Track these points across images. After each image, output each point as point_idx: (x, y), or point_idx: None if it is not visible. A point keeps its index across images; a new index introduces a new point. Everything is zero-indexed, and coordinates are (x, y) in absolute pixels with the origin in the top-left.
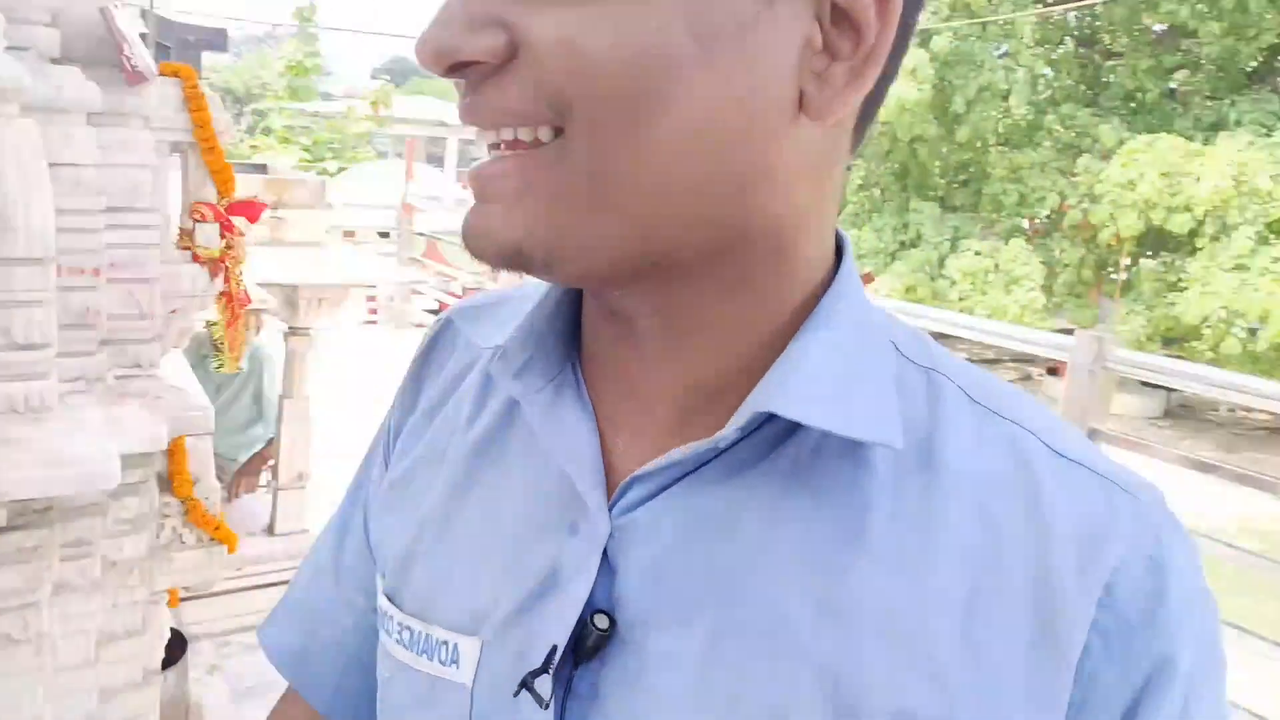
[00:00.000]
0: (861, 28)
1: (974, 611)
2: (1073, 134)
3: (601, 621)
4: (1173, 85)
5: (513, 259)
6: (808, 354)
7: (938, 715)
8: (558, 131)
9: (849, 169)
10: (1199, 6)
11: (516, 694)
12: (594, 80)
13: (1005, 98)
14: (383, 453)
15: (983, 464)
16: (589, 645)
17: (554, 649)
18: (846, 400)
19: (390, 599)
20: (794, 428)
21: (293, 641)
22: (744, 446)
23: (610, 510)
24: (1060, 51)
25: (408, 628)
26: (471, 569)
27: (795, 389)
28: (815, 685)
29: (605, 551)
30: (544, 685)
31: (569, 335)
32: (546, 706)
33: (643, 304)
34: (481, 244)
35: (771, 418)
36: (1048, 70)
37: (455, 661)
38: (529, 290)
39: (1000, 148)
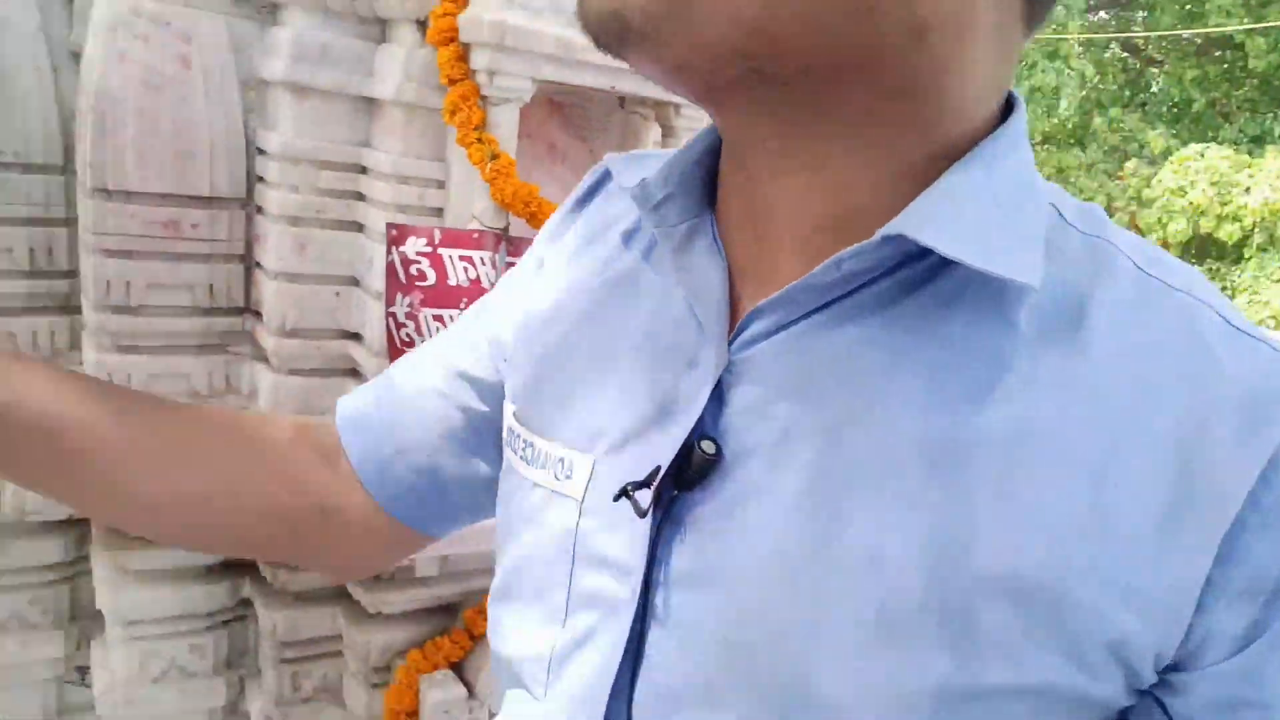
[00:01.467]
0: None
1: (1106, 478)
2: (1119, 137)
3: (708, 447)
4: (1216, 95)
5: (609, 26)
6: (951, 191)
7: (1048, 580)
8: None
9: (1025, 38)
10: (1245, 20)
11: (616, 499)
12: None
13: (1054, 99)
14: (525, 280)
15: (1146, 334)
16: (692, 471)
17: (658, 468)
18: (986, 237)
19: (518, 419)
20: (930, 276)
21: (361, 405)
22: (871, 291)
23: (730, 346)
24: (1105, 55)
25: (530, 444)
26: (593, 393)
27: (929, 217)
28: (916, 535)
29: (721, 384)
30: (644, 497)
31: (709, 185)
32: (643, 516)
33: (761, 130)
34: (583, 8)
35: (903, 263)
36: (1094, 74)
37: (569, 476)
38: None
39: (1047, 147)
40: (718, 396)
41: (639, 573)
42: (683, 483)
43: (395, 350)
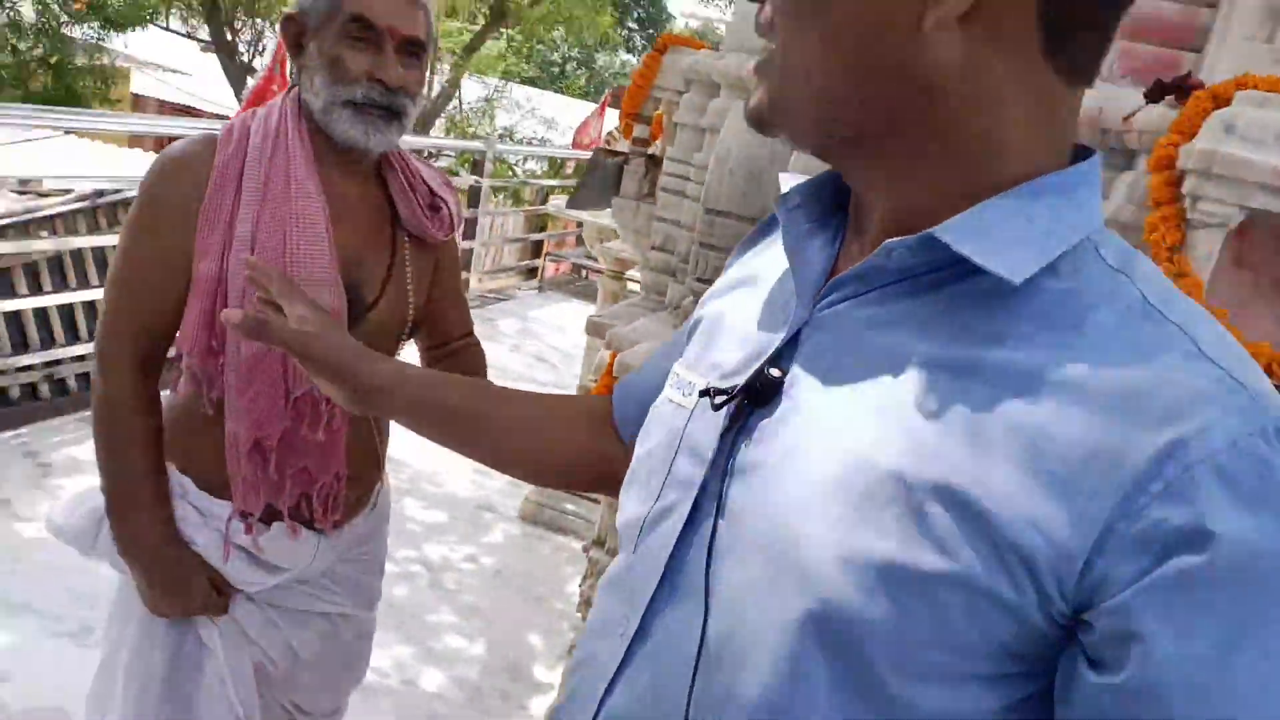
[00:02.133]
0: None
1: (1044, 432)
2: None
3: (774, 373)
4: None
5: (754, 120)
6: (983, 212)
7: (975, 494)
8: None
9: (1070, 82)
10: None
11: (701, 395)
12: (779, 6)
13: None
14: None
15: (1124, 345)
16: (761, 390)
17: (735, 385)
18: (996, 245)
19: (682, 364)
20: (958, 277)
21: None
22: (915, 281)
23: (814, 308)
24: None
25: (677, 375)
26: (725, 342)
27: (957, 226)
28: (896, 449)
29: (800, 335)
30: (721, 399)
31: (838, 200)
32: (718, 410)
33: (856, 166)
34: (748, 113)
35: (940, 265)
36: None
37: (689, 394)
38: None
39: None
40: (796, 342)
41: (707, 460)
42: (756, 400)
43: None
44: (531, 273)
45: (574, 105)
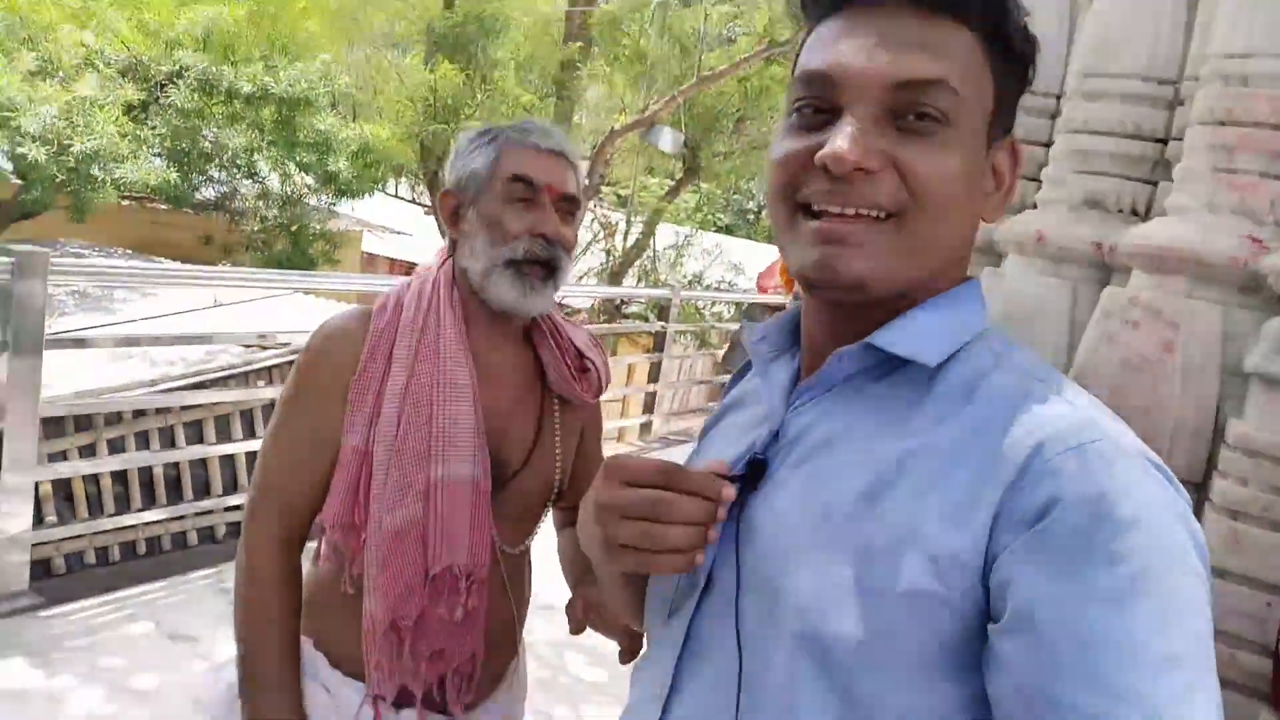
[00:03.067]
0: (1004, 179)
1: (956, 464)
2: None
3: (759, 462)
4: None
5: (858, 282)
6: (911, 319)
7: (911, 521)
8: (890, 214)
9: None
10: None
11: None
12: (933, 190)
13: None
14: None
15: (1004, 398)
16: (752, 475)
17: (735, 475)
18: (917, 342)
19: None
20: (890, 370)
21: None
22: (858, 379)
23: (786, 411)
24: None
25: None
26: (721, 446)
27: (888, 331)
28: (852, 501)
29: (779, 432)
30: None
31: (795, 336)
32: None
33: (870, 316)
34: (828, 272)
35: (877, 364)
36: None
37: None
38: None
39: None
40: (776, 437)
41: (717, 539)
42: (751, 482)
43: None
44: None
45: (761, 250)
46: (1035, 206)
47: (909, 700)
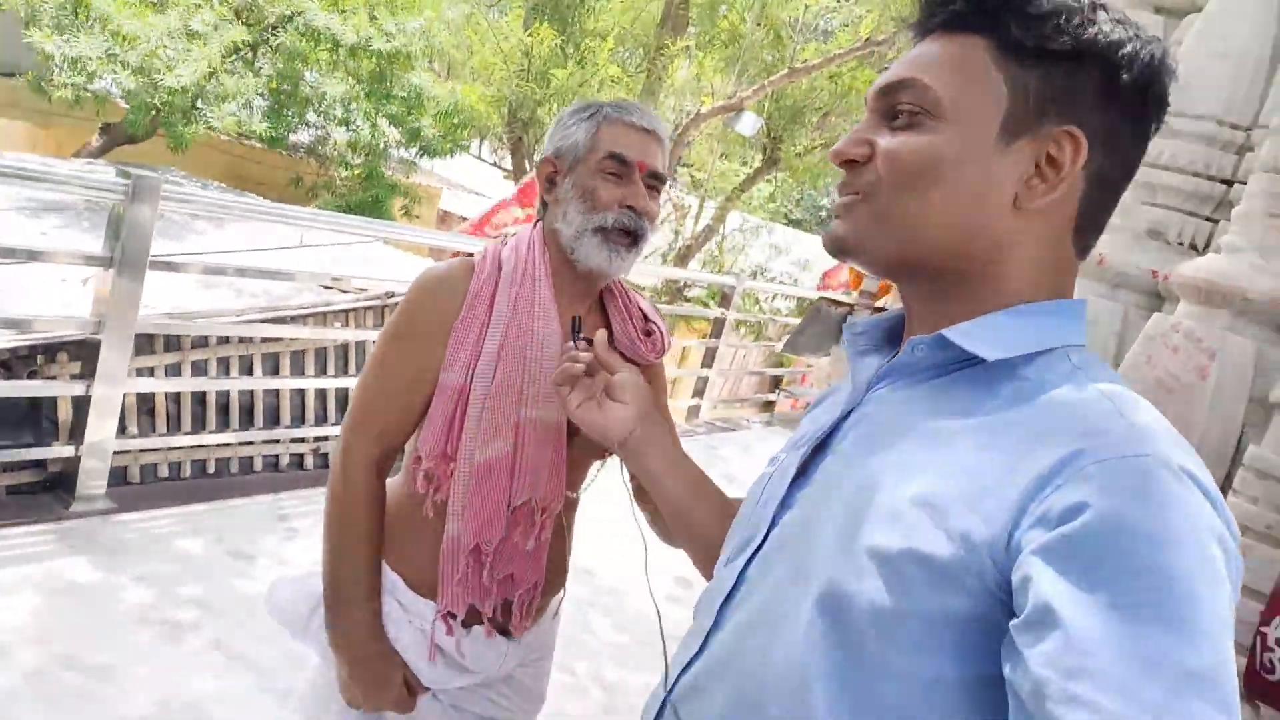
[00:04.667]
0: (1062, 167)
1: (982, 458)
2: None
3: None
4: None
5: (839, 247)
6: (983, 321)
7: (936, 499)
8: (871, 191)
9: (1080, 257)
10: None
11: (772, 463)
12: (897, 169)
13: None
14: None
15: (1062, 406)
16: (820, 447)
17: (805, 452)
18: (983, 340)
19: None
20: (962, 366)
21: None
22: (930, 372)
23: (864, 394)
24: None
25: (777, 457)
26: (804, 430)
27: (960, 330)
28: (892, 484)
29: (851, 412)
30: (798, 456)
31: (894, 336)
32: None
33: (914, 290)
34: (827, 240)
35: (952, 360)
36: None
37: (774, 464)
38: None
39: None
40: (848, 416)
41: (779, 499)
42: (816, 453)
43: (1252, 670)
44: (768, 405)
45: None
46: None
47: (911, 667)
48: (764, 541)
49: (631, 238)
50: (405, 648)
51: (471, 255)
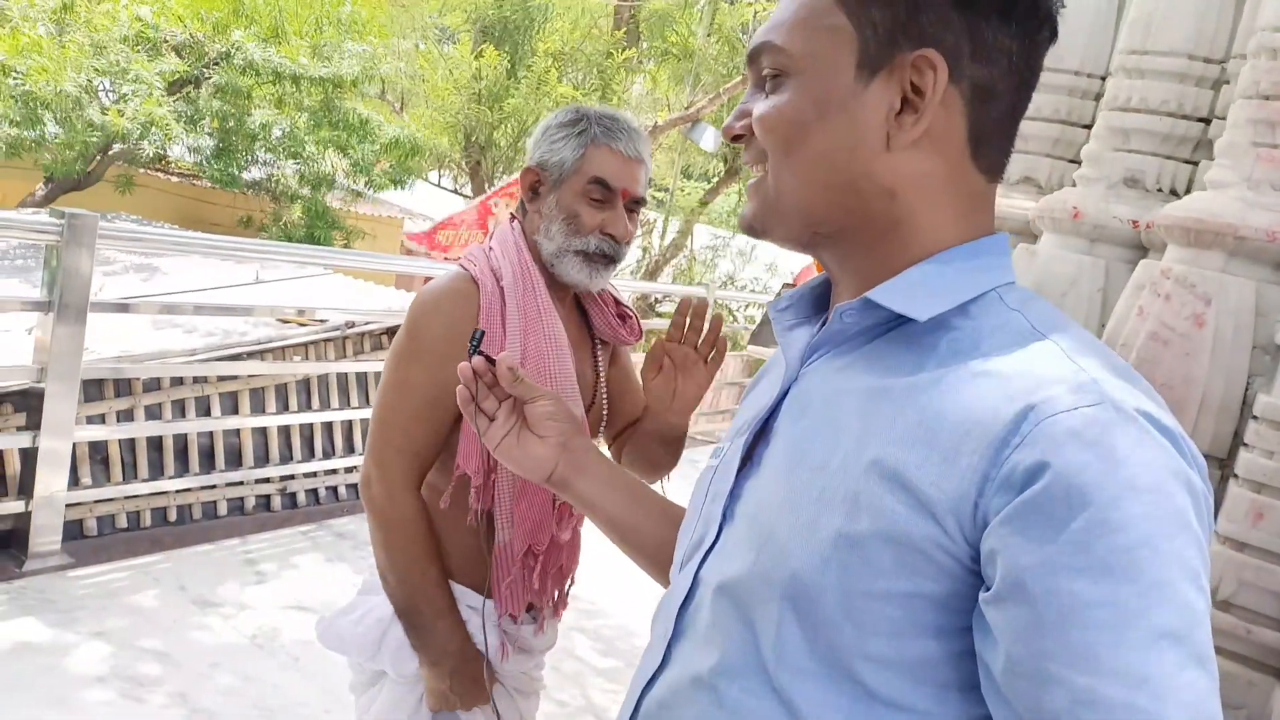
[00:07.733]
0: (925, 94)
1: (942, 416)
2: None
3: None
4: None
5: (750, 230)
6: (909, 275)
7: (900, 467)
8: (764, 162)
9: (991, 179)
10: None
11: (715, 454)
12: (768, 135)
13: None
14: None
15: (1005, 352)
16: (760, 433)
17: (747, 438)
18: (913, 297)
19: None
20: (890, 327)
21: None
22: (859, 338)
23: (799, 369)
24: None
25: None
26: (744, 417)
27: (887, 288)
28: (843, 452)
29: (789, 390)
30: (737, 445)
31: (821, 304)
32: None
33: (832, 257)
34: (741, 223)
35: (877, 322)
36: None
37: (718, 456)
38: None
39: None
40: (784, 396)
41: (725, 494)
42: (757, 439)
43: None
44: None
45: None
46: (1075, 185)
47: (892, 651)
48: (717, 539)
49: (609, 259)
50: (485, 646)
51: (463, 268)
